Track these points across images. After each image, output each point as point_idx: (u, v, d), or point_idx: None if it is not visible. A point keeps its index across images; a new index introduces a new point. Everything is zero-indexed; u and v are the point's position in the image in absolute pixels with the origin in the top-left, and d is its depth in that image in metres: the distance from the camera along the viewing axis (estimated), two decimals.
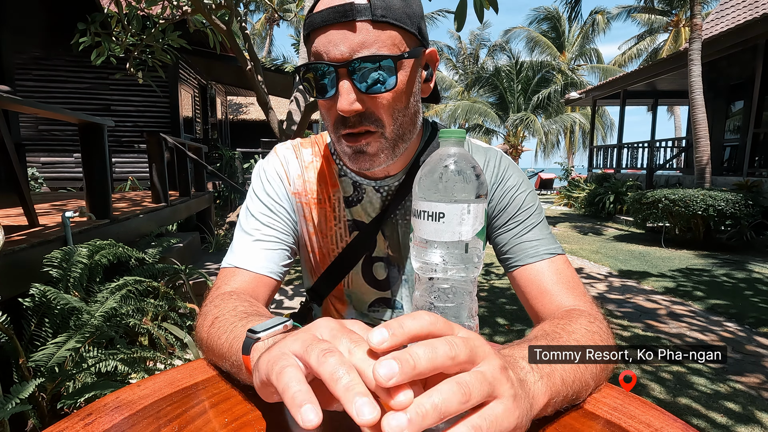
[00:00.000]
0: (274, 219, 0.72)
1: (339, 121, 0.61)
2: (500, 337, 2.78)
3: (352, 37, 0.56)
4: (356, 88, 0.57)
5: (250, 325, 0.47)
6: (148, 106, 7.61)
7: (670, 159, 10.01)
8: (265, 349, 0.38)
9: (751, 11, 7.83)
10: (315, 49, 0.58)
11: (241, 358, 0.44)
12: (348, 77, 0.57)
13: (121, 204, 3.94)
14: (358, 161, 0.63)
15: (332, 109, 0.61)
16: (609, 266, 4.78)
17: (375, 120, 0.60)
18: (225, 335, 0.51)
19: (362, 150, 0.62)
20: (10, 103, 2.13)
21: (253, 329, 0.45)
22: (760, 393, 2.09)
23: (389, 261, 0.77)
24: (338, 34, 0.56)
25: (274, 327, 0.44)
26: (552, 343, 0.46)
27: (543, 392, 0.40)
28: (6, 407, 1.25)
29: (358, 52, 0.56)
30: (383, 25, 0.57)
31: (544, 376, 0.41)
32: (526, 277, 0.67)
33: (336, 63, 0.56)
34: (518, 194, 0.71)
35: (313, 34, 0.58)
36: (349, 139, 0.62)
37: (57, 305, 1.69)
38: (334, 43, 0.56)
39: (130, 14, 3.09)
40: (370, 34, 0.56)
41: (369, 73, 0.57)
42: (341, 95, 0.57)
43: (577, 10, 14.42)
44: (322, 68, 0.57)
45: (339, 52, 0.56)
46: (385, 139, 0.62)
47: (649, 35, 21.50)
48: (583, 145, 26.51)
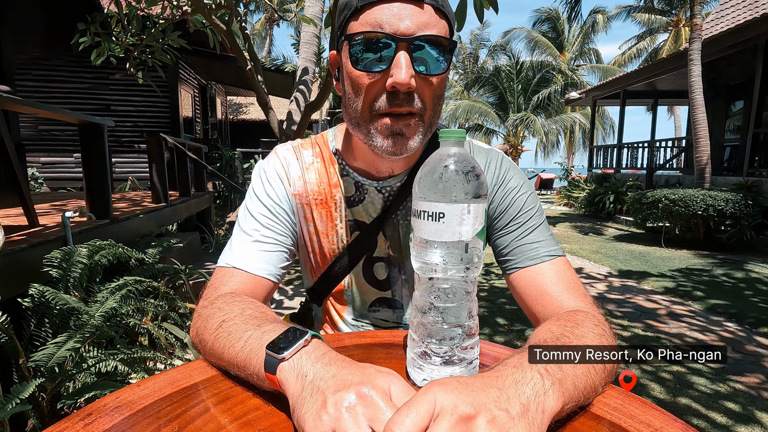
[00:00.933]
0: (273, 220, 0.72)
1: (382, 98, 0.59)
2: (500, 336, 2.78)
3: (419, 15, 0.56)
4: (412, 65, 0.57)
5: (265, 336, 0.48)
6: (148, 106, 7.61)
7: (670, 159, 10.01)
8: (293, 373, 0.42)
9: (751, 11, 7.83)
10: (375, 20, 0.57)
11: (265, 375, 0.45)
12: (408, 52, 0.56)
13: (121, 204, 3.94)
14: (394, 143, 0.62)
15: (377, 83, 0.59)
16: (609, 266, 4.78)
17: (421, 100, 0.60)
18: (239, 344, 0.50)
19: (401, 131, 0.61)
20: (10, 103, 2.13)
21: (275, 344, 0.45)
22: (760, 393, 2.09)
23: (390, 261, 0.77)
24: (406, 8, 0.56)
25: (296, 344, 0.44)
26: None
27: (556, 399, 0.40)
28: (6, 407, 1.25)
29: (422, 30, 0.57)
30: (441, 13, 0.59)
31: (555, 382, 0.41)
32: (527, 279, 0.67)
33: (400, 36, 0.56)
34: (519, 196, 0.71)
35: (371, 5, 0.57)
36: (392, 118, 0.60)
37: (56, 305, 1.69)
38: (399, 16, 0.56)
39: (130, 14, 3.08)
40: (433, 18, 0.58)
41: (427, 53, 0.58)
42: (399, 68, 0.56)
43: (576, 10, 14.45)
44: (381, 39, 0.56)
45: (404, 26, 0.56)
46: (423, 124, 0.62)
47: (649, 35, 21.49)
48: (583, 145, 26.51)
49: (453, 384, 0.37)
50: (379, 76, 0.59)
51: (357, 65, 0.59)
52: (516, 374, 0.40)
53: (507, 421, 0.35)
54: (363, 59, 0.58)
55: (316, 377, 0.41)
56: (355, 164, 0.74)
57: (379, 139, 0.62)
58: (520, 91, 20.03)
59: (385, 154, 0.63)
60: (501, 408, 0.36)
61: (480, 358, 0.54)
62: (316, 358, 0.43)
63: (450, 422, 0.34)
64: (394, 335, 0.66)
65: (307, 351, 0.44)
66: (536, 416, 0.37)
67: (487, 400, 0.36)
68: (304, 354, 0.44)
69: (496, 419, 0.35)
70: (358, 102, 0.62)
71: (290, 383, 0.42)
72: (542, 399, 0.39)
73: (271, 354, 0.44)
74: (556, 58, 22.45)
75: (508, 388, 0.38)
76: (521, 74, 19.90)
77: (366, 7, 0.58)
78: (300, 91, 3.42)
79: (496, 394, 0.37)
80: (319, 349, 0.44)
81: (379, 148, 0.63)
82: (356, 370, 0.40)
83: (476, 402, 0.36)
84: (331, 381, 0.39)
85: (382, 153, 0.63)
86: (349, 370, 0.40)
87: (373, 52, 0.58)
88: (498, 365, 0.43)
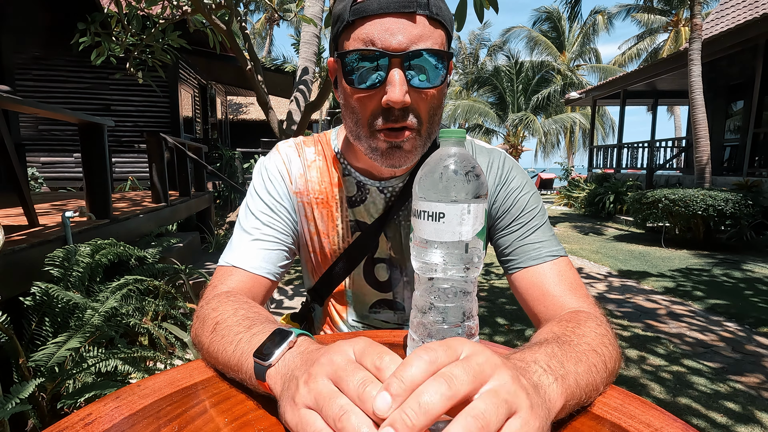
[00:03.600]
0: (274, 218, 0.71)
1: (379, 114, 0.59)
2: (500, 336, 2.78)
3: (411, 29, 0.55)
4: (406, 81, 0.56)
5: (254, 339, 0.48)
6: (148, 106, 7.61)
7: (670, 159, 10.00)
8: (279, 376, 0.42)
9: (751, 11, 7.84)
10: (366, 36, 0.56)
11: (257, 382, 0.45)
12: (401, 68, 0.56)
13: (121, 204, 3.94)
14: (393, 157, 0.62)
15: (372, 100, 0.59)
16: (609, 266, 4.78)
17: (416, 116, 0.60)
18: (230, 348, 0.50)
19: (399, 146, 0.61)
20: (10, 103, 2.13)
21: (261, 350, 0.45)
22: (760, 393, 2.09)
23: (391, 262, 0.77)
24: (397, 23, 0.55)
25: (280, 347, 0.44)
26: (564, 347, 0.46)
27: (559, 394, 0.39)
28: (6, 407, 1.25)
29: (415, 44, 0.55)
30: (436, 23, 0.57)
31: (558, 378, 0.41)
32: (529, 279, 0.67)
33: (392, 52, 0.55)
34: (522, 196, 0.71)
35: (362, 20, 0.56)
36: (389, 134, 0.60)
37: (59, 303, 1.69)
38: (391, 31, 0.55)
39: (130, 14, 3.08)
40: (427, 29, 0.56)
41: (421, 66, 0.57)
42: (393, 85, 0.55)
43: (577, 10, 14.43)
44: (374, 56, 0.56)
45: (396, 42, 0.55)
46: (420, 136, 0.62)
47: (649, 35, 21.49)
48: (583, 145, 26.50)
49: None
50: (374, 93, 0.58)
51: (351, 83, 0.59)
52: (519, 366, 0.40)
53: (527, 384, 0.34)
54: (357, 77, 0.58)
55: (294, 369, 0.40)
56: (357, 164, 0.73)
57: (378, 153, 0.62)
58: (520, 91, 20.03)
59: (385, 167, 0.64)
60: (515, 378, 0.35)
61: None
62: (299, 354, 0.42)
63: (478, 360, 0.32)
64: (394, 335, 0.66)
65: (292, 351, 0.44)
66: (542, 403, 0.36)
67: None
68: (289, 354, 0.43)
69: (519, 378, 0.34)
70: (355, 117, 0.62)
71: (277, 386, 0.42)
72: (546, 390, 0.38)
73: (258, 362, 0.44)
74: (556, 58, 22.45)
75: None
76: (521, 74, 19.90)
77: (357, 22, 0.57)
78: (300, 91, 3.42)
79: None
80: (302, 346, 0.44)
81: (379, 162, 0.64)
82: (326, 347, 0.40)
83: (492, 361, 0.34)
84: (303, 367, 0.39)
85: (382, 166, 0.64)
86: (320, 351, 0.39)
87: (366, 69, 0.57)
88: None
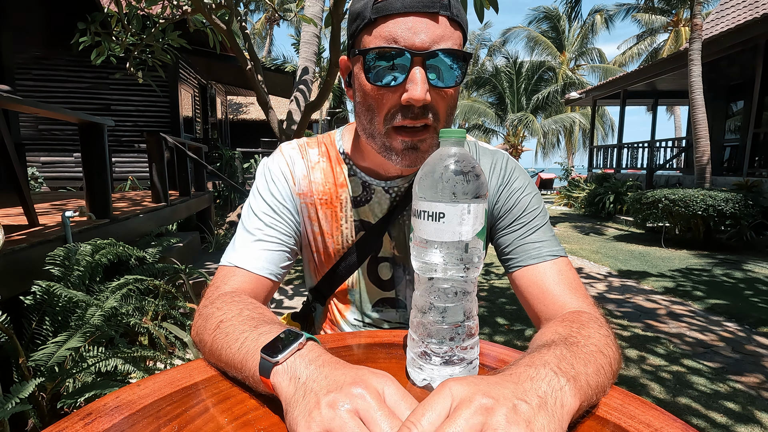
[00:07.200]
0: (276, 219, 0.72)
1: (398, 111, 0.59)
2: (500, 336, 2.78)
3: (434, 28, 0.56)
4: (427, 79, 0.57)
5: (261, 338, 0.48)
6: (148, 105, 7.61)
7: (670, 159, 10.00)
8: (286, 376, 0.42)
9: (751, 11, 7.83)
10: (389, 34, 0.56)
11: (260, 378, 0.45)
12: (423, 66, 0.56)
13: (121, 204, 3.94)
14: (409, 157, 0.62)
15: (392, 97, 0.59)
16: (609, 266, 4.78)
17: (435, 114, 0.60)
18: (235, 345, 0.50)
19: (416, 146, 0.61)
20: (10, 102, 2.12)
21: (270, 347, 0.45)
22: (759, 393, 2.10)
23: (395, 261, 0.77)
24: (421, 22, 0.56)
25: (290, 347, 0.44)
26: (572, 348, 0.46)
27: (573, 395, 0.39)
28: (6, 407, 1.25)
29: (437, 44, 0.56)
30: (456, 24, 0.58)
31: (570, 379, 0.40)
32: (528, 278, 0.67)
33: (415, 51, 0.56)
34: (524, 196, 0.72)
35: (385, 18, 0.57)
36: (407, 132, 0.60)
37: (60, 301, 1.69)
38: (414, 30, 0.55)
39: (130, 14, 3.08)
40: (448, 30, 0.57)
41: (442, 66, 0.58)
42: (415, 83, 0.56)
43: (576, 10, 14.42)
44: (397, 54, 0.56)
45: (419, 41, 0.55)
46: (436, 135, 0.62)
47: (649, 35, 21.49)
48: (583, 145, 26.49)
49: (469, 379, 0.37)
50: (394, 90, 0.59)
51: (371, 80, 0.59)
52: (530, 371, 0.40)
53: (528, 410, 0.35)
54: (377, 74, 0.58)
55: (309, 379, 0.40)
56: (363, 164, 0.74)
57: (395, 153, 0.63)
58: (520, 91, 20.02)
59: (401, 167, 0.64)
60: (520, 398, 0.35)
61: (480, 358, 0.54)
62: (310, 360, 0.43)
63: (469, 412, 0.33)
64: (394, 335, 0.66)
65: (302, 354, 0.44)
66: (555, 410, 0.37)
67: (505, 392, 0.36)
68: (298, 357, 0.43)
69: (517, 408, 0.34)
70: (371, 115, 0.62)
71: (283, 386, 0.42)
72: (559, 394, 0.38)
73: (266, 357, 0.44)
74: (556, 58, 22.45)
75: (523, 382, 0.38)
76: (521, 74, 19.89)
77: (380, 20, 0.57)
78: (300, 91, 3.42)
79: (513, 387, 0.37)
80: (313, 352, 0.44)
81: (394, 162, 0.64)
82: (349, 371, 0.40)
83: (494, 393, 0.35)
84: (323, 382, 0.39)
85: (398, 166, 0.64)
86: (342, 372, 0.40)
87: (387, 66, 0.57)
88: (509, 366, 0.43)
